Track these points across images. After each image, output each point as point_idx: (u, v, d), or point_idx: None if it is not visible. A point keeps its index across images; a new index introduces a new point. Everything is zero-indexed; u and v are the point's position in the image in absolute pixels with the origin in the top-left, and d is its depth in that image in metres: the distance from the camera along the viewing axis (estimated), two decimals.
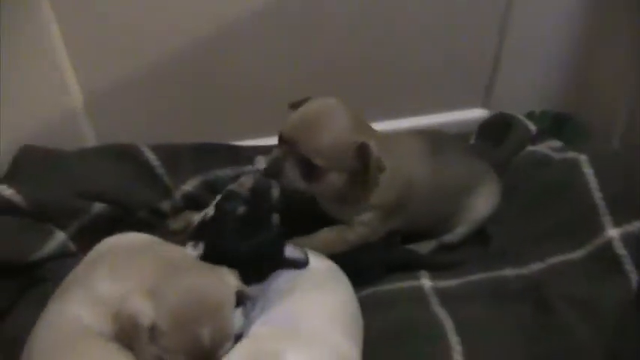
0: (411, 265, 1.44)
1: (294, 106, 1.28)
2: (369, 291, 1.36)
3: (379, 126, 1.58)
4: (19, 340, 1.11)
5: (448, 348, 1.23)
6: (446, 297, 1.36)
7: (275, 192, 1.35)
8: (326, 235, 1.37)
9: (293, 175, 1.25)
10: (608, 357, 1.27)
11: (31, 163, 1.44)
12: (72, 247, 1.40)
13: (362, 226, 1.36)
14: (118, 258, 1.17)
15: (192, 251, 1.23)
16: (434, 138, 1.45)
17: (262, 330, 1.13)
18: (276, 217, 1.31)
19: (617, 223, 1.38)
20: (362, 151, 1.23)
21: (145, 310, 1.04)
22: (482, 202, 1.48)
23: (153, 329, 1.04)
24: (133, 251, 1.19)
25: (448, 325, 1.28)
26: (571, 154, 1.51)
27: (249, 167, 1.53)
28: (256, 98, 1.57)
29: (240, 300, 1.16)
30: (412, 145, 1.41)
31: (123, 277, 1.12)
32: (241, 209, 1.27)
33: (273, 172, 1.26)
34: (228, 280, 1.16)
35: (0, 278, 1.29)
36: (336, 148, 1.23)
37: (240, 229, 1.24)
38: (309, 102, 1.28)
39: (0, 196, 1.34)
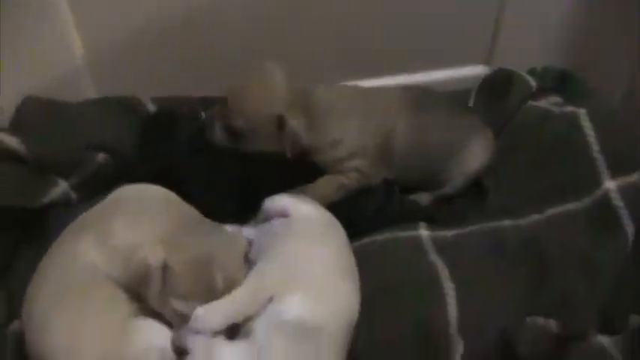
0: (410, 217, 1.45)
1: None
2: (367, 240, 1.38)
3: (379, 82, 1.60)
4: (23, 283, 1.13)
5: (442, 294, 1.25)
6: (443, 246, 1.37)
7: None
8: (323, 182, 1.45)
9: (219, 133, 1.42)
10: (604, 311, 1.30)
11: (33, 113, 1.46)
12: (74, 196, 1.41)
13: (353, 172, 1.45)
14: (133, 207, 1.19)
15: None
16: (418, 94, 1.53)
17: (266, 268, 1.15)
18: None
19: (614, 176, 1.39)
20: (280, 122, 1.36)
21: (156, 254, 1.06)
22: (473, 157, 1.52)
23: (165, 271, 1.06)
24: (149, 202, 1.20)
25: (443, 272, 1.29)
26: (570, 109, 1.52)
27: None
28: (252, 53, 1.57)
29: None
30: (390, 99, 1.50)
31: (137, 226, 1.13)
32: None
33: (205, 126, 1.44)
34: (236, 237, 1.20)
35: (5, 224, 1.30)
36: (258, 115, 1.38)
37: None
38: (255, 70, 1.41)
39: (3, 145, 1.35)
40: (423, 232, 1.41)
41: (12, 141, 1.36)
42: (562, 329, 1.23)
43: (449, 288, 1.26)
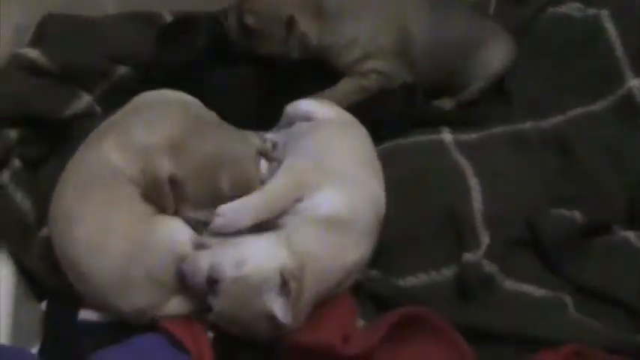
0: (433, 121, 1.46)
1: None
2: (390, 144, 1.39)
3: None
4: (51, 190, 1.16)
5: (468, 188, 1.27)
6: (466, 147, 1.38)
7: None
8: (342, 85, 1.45)
9: (234, 28, 1.42)
10: (630, 205, 1.30)
11: (54, 28, 1.46)
12: (97, 108, 1.43)
13: (371, 73, 1.45)
14: (150, 110, 1.21)
15: None
16: None
17: (296, 162, 1.18)
18: None
19: (638, 74, 1.40)
20: (290, 22, 1.36)
21: (163, 164, 1.10)
22: (494, 58, 1.51)
23: (173, 181, 1.10)
24: (168, 104, 1.22)
25: (468, 169, 1.31)
26: (592, 11, 1.52)
27: None
28: None
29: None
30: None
31: (154, 126, 1.15)
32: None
33: (222, 19, 1.44)
34: (250, 138, 1.21)
35: (31, 133, 1.33)
36: (268, 14, 1.38)
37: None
38: None
39: (26, 58, 1.36)
40: (446, 135, 1.42)
41: (35, 54, 1.37)
42: (587, 220, 1.24)
43: (474, 183, 1.28)
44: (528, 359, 1.08)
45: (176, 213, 1.15)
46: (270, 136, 1.30)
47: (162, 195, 1.12)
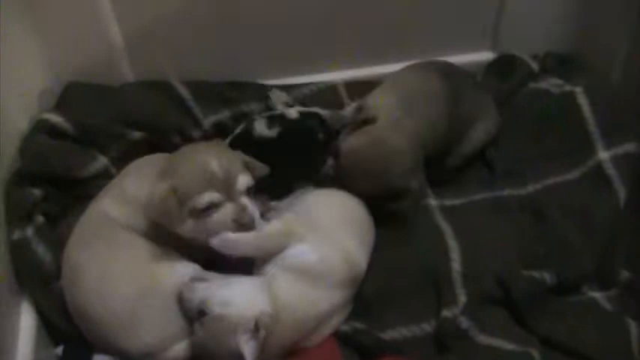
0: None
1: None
2: None
3: (388, 68, 1.69)
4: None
5: (447, 249, 1.39)
6: (449, 212, 1.51)
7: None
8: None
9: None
10: (597, 267, 1.41)
11: (76, 95, 1.58)
12: (112, 170, 1.54)
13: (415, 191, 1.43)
14: (144, 167, 1.38)
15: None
16: (451, 81, 1.53)
17: (289, 216, 1.32)
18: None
19: (607, 147, 1.52)
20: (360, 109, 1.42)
21: (160, 186, 1.22)
22: (481, 133, 1.59)
23: (175, 193, 1.21)
24: (158, 160, 1.37)
25: (448, 231, 1.43)
26: (568, 88, 1.64)
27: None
28: (283, 40, 1.70)
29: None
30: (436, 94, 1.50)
31: (145, 178, 1.29)
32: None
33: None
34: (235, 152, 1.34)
35: (53, 191, 1.44)
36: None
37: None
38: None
39: (50, 123, 1.48)
40: (432, 201, 1.54)
41: (58, 119, 1.49)
42: (557, 281, 1.35)
43: (452, 244, 1.40)
44: None
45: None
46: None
47: (172, 215, 1.21)
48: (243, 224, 1.24)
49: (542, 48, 1.86)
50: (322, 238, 1.28)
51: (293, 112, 1.57)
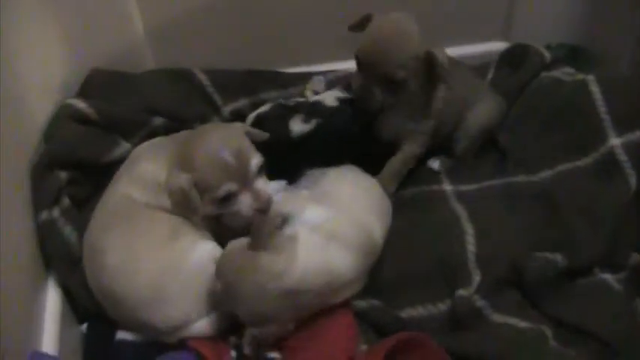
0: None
1: (355, 27, 1.44)
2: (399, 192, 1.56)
3: None
4: None
5: (462, 232, 1.43)
6: (464, 197, 1.54)
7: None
8: (392, 163, 1.53)
9: (380, 95, 1.41)
10: (607, 251, 1.45)
11: (99, 82, 1.61)
12: None
13: (422, 135, 1.52)
14: (150, 150, 1.41)
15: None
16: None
17: (302, 192, 1.38)
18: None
19: (619, 134, 1.54)
20: (429, 57, 1.38)
21: (179, 178, 1.26)
22: (481, 113, 1.59)
23: (194, 185, 1.26)
24: (168, 143, 1.41)
25: (463, 215, 1.47)
26: (580, 76, 1.67)
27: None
28: (301, 29, 1.74)
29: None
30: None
31: (157, 157, 1.35)
32: None
33: (364, 97, 1.43)
34: (235, 124, 1.40)
35: (78, 175, 1.47)
36: (410, 60, 1.38)
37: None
38: (376, 22, 1.41)
39: (75, 108, 1.51)
40: (447, 186, 1.58)
41: (82, 105, 1.52)
42: (568, 263, 1.38)
43: (468, 227, 1.44)
44: None
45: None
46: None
47: (195, 205, 1.27)
48: (261, 208, 1.29)
49: (554, 38, 1.89)
50: (339, 209, 1.31)
51: (329, 99, 1.55)
